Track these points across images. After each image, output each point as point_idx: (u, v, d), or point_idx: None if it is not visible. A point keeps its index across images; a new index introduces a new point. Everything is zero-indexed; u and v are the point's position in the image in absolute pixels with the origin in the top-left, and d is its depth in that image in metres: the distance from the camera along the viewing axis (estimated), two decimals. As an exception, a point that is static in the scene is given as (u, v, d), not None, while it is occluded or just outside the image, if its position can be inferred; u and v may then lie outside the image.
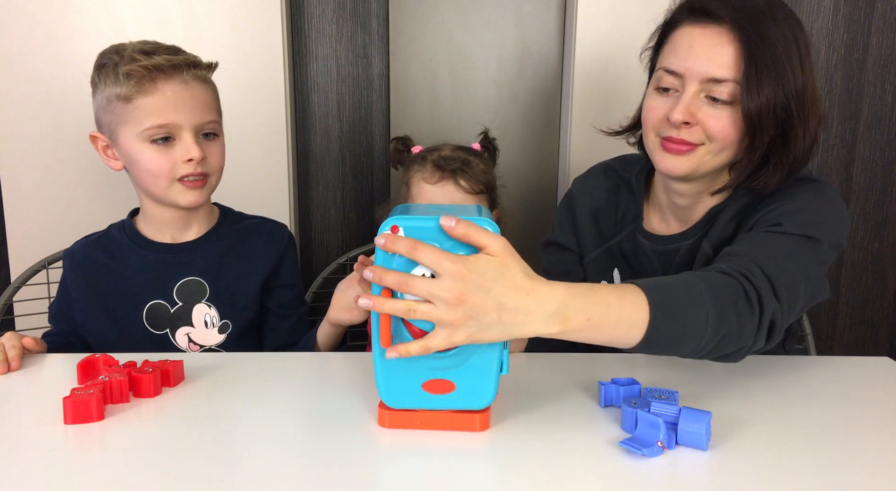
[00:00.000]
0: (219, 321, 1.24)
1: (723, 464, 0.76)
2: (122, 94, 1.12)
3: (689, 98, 1.04)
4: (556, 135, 1.93)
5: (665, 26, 1.13)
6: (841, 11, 1.82)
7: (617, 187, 1.28)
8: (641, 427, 0.79)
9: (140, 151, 1.15)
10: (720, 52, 1.03)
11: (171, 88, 1.13)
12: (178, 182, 1.16)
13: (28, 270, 1.48)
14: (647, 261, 1.21)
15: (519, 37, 1.88)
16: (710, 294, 0.85)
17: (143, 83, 1.12)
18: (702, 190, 1.14)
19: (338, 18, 1.82)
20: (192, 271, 1.24)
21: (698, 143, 1.06)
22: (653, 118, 1.10)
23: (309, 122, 1.87)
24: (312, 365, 1.07)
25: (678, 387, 0.88)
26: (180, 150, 1.15)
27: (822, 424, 0.87)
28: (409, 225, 0.76)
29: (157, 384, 0.94)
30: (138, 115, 1.13)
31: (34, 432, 0.83)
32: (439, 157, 1.35)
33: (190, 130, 1.15)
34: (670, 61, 1.07)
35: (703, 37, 1.04)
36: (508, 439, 0.81)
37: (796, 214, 1.03)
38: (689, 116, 1.04)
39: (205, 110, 1.17)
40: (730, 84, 1.02)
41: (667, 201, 1.20)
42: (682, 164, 1.07)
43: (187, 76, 1.15)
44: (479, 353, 0.79)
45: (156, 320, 1.23)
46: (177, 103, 1.13)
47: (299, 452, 0.80)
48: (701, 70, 1.03)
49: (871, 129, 1.89)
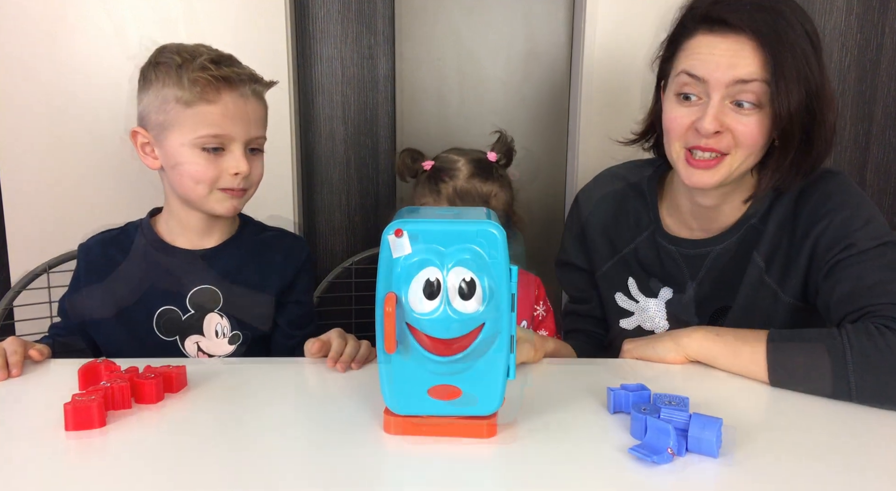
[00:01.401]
0: (230, 332, 1.24)
1: (733, 471, 0.75)
2: (184, 98, 1.13)
3: (717, 105, 1.04)
4: (564, 136, 1.92)
5: (676, 34, 1.12)
6: (854, 11, 1.80)
7: (624, 194, 1.27)
8: (651, 434, 0.78)
9: (188, 156, 1.15)
10: (744, 56, 1.03)
11: (231, 100, 1.15)
12: (219, 191, 1.17)
13: (28, 274, 1.48)
14: (672, 265, 1.21)
15: (527, 37, 1.87)
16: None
17: (208, 91, 1.13)
18: (727, 191, 1.14)
19: (343, 19, 1.81)
20: (206, 279, 1.24)
21: (726, 151, 1.06)
22: (677, 128, 1.09)
23: (314, 124, 1.87)
24: (317, 371, 1.06)
25: (688, 393, 0.87)
26: (230, 161, 1.16)
27: (834, 432, 0.86)
28: (414, 228, 0.76)
29: (160, 390, 0.93)
30: (195, 122, 1.13)
31: (35, 439, 0.82)
32: (454, 193, 1.31)
33: (241, 144, 1.16)
34: (692, 65, 1.06)
35: (724, 43, 1.04)
36: (516, 446, 0.81)
37: (851, 223, 1.06)
38: (719, 125, 1.04)
39: (257, 125, 1.19)
40: (756, 84, 1.02)
41: (689, 207, 1.19)
42: (712, 177, 1.07)
43: (247, 90, 1.17)
44: (485, 358, 0.79)
45: (167, 327, 1.22)
46: (234, 116, 1.15)
47: (304, 458, 0.79)
48: (726, 73, 1.03)
49: (884, 131, 1.87)
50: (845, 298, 1.01)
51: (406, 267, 0.76)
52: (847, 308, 1.00)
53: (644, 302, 1.24)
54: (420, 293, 0.75)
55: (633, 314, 1.25)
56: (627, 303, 1.26)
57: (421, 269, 0.75)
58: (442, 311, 0.75)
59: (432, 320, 0.75)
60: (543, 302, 1.40)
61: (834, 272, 1.05)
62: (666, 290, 1.22)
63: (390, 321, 0.76)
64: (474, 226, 0.77)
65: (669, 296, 1.22)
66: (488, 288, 0.76)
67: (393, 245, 0.77)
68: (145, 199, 1.34)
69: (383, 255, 0.77)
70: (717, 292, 1.18)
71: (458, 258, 0.75)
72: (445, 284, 0.75)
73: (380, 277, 0.78)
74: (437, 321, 0.75)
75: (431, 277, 0.74)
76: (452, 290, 0.75)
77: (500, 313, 0.78)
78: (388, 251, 0.77)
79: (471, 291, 0.75)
